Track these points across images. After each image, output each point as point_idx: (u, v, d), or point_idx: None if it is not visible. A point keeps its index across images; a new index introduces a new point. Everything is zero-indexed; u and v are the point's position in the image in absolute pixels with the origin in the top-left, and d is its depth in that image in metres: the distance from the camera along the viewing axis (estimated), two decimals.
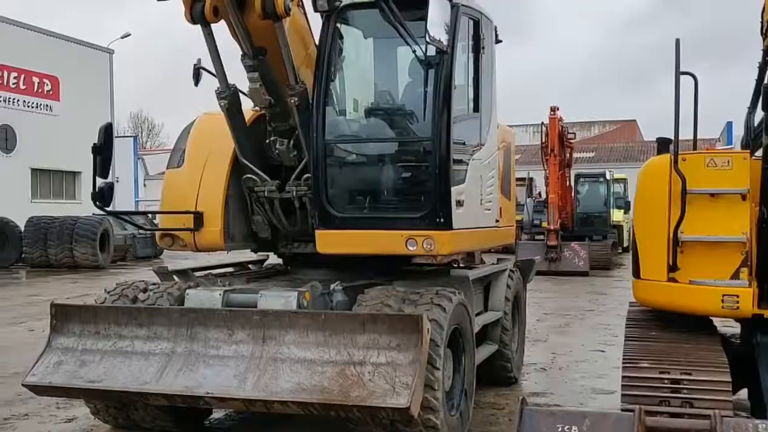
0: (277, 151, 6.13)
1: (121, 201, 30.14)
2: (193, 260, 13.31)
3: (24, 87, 29.61)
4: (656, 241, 4.75)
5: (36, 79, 30.14)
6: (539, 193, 28.85)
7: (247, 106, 6.12)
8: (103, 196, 5.90)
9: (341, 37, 6.01)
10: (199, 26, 5.55)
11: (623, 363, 4.60)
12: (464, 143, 5.99)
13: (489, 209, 6.61)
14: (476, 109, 6.30)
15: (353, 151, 6.14)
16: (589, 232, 24.13)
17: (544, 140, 20.83)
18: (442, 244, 5.59)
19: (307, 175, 6.01)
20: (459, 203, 5.71)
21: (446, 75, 5.56)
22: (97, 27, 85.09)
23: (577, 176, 25.85)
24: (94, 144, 5.86)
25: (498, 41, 6.75)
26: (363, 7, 5.86)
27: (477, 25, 6.20)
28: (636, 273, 4.97)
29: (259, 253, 7.28)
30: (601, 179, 26.36)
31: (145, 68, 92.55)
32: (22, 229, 22.98)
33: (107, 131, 5.93)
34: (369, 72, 6.71)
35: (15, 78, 29.14)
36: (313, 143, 5.80)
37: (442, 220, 5.56)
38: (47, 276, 20.56)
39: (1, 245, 23.02)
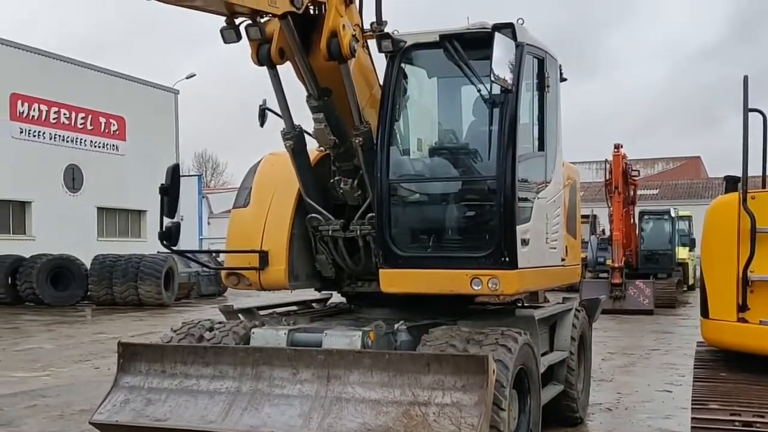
0: (341, 191, 6.17)
1: (186, 239, 30.72)
2: (256, 298, 13.45)
3: (91, 127, 30.70)
4: (725, 281, 4.65)
5: (103, 120, 31.23)
6: (603, 231, 28.40)
7: (312, 146, 6.20)
8: (170, 236, 6.01)
9: (405, 76, 6.06)
10: (265, 68, 5.66)
11: (692, 404, 4.44)
12: (529, 182, 5.94)
13: (554, 248, 6.52)
14: (541, 147, 6.25)
15: (417, 190, 6.14)
16: (653, 269, 23.63)
17: (607, 177, 20.57)
18: (507, 284, 5.52)
19: (371, 215, 6.02)
20: (524, 242, 5.64)
21: (511, 114, 5.54)
22: (164, 67, 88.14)
23: (642, 213, 25.41)
24: (162, 184, 5.98)
25: (563, 79, 6.72)
26: (427, 47, 5.91)
27: (542, 63, 6.18)
28: (704, 313, 4.86)
29: (323, 292, 7.30)
30: (666, 216, 25.85)
31: (209, 108, 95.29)
32: (88, 267, 23.62)
33: (174, 172, 6.05)
34: (433, 111, 6.73)
35: (83, 118, 30.25)
36: (377, 183, 5.82)
37: (507, 259, 5.50)
38: (112, 314, 21.02)
39: (67, 283, 23.68)
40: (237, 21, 5.14)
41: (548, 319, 7.07)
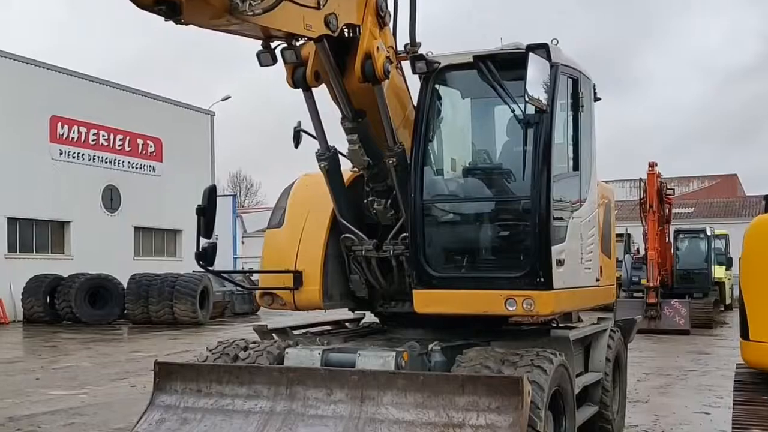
0: (374, 211, 6.20)
1: (220, 258, 30.85)
2: (289, 317, 13.52)
3: (129, 148, 31.25)
4: (765, 302, 4.55)
5: (140, 141, 31.79)
6: (637, 250, 28.05)
7: (346, 167, 6.25)
8: (206, 256, 6.08)
9: (439, 97, 6.09)
10: (300, 90, 5.74)
11: (733, 427, 4.38)
12: (564, 202, 5.91)
13: (589, 268, 6.48)
14: (575, 167, 6.23)
15: (451, 210, 6.15)
16: (689, 289, 23.25)
17: (642, 196, 20.36)
18: (542, 305, 5.49)
19: (404, 235, 6.04)
20: (559, 262, 5.61)
21: (545, 133, 5.54)
22: (201, 89, 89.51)
23: (677, 232, 25.06)
24: (199, 205, 6.05)
25: (597, 99, 6.70)
26: (461, 68, 5.94)
27: (576, 83, 6.17)
28: (744, 334, 4.80)
29: (356, 312, 7.31)
30: (702, 235, 25.46)
31: (244, 128, 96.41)
32: (125, 286, 23.95)
33: (211, 193, 6.12)
34: (466, 132, 6.75)
35: (121, 140, 30.83)
36: (411, 203, 5.84)
37: (542, 279, 5.47)
38: (148, 332, 21.26)
39: (105, 302, 24.03)
40: (273, 44, 5.22)
41: (583, 339, 7.01)
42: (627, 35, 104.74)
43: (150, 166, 32.20)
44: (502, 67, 5.48)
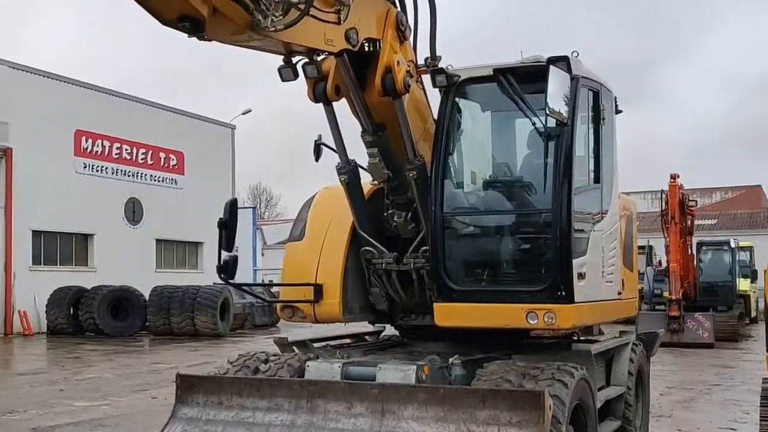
0: (395, 224, 6.21)
1: (240, 270, 30.92)
2: (308, 329, 13.55)
3: (151, 162, 31.56)
4: None
5: (163, 155, 32.09)
6: (659, 262, 27.78)
7: (366, 180, 6.27)
8: (227, 269, 6.11)
9: (459, 110, 6.11)
10: (320, 104, 5.77)
11: None
12: (585, 214, 5.89)
13: (611, 281, 6.43)
14: (597, 179, 6.20)
15: (471, 223, 6.15)
16: (713, 302, 22.94)
17: (664, 208, 20.19)
18: (563, 318, 5.46)
19: (424, 248, 6.04)
20: (581, 276, 5.58)
21: (566, 146, 5.53)
22: (222, 103, 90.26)
23: (700, 244, 24.77)
24: (220, 219, 6.07)
25: (618, 111, 6.68)
26: (481, 81, 5.96)
27: (597, 96, 6.16)
28: None
29: (376, 325, 7.31)
30: (726, 247, 25.15)
31: (264, 141, 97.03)
32: (147, 297, 24.12)
33: (232, 207, 6.15)
34: (487, 144, 6.75)
35: (143, 154, 31.14)
36: (431, 216, 5.84)
37: (563, 293, 5.45)
38: (169, 344, 21.38)
39: (127, 314, 24.22)
40: (294, 60, 5.27)
41: (605, 353, 6.95)
42: (650, 46, 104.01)
43: (172, 179, 32.48)
44: (522, 80, 5.48)
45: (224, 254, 6.06)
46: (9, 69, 25.74)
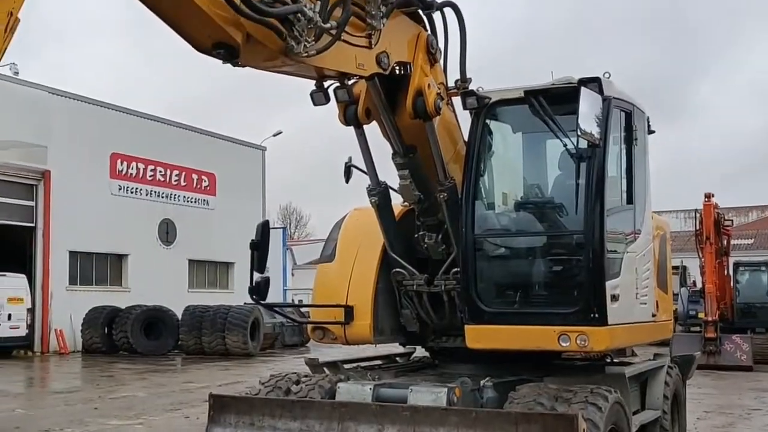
0: (425, 246, 6.21)
1: (270, 290, 31.20)
2: (338, 350, 13.54)
3: (184, 183, 31.96)
4: None
5: (195, 176, 32.49)
6: (694, 282, 27.34)
7: (396, 202, 6.29)
8: (259, 290, 6.15)
9: (490, 132, 6.13)
10: (351, 127, 5.82)
11: None
12: (618, 236, 5.85)
13: (645, 303, 6.36)
14: (630, 200, 6.16)
15: (503, 244, 6.13)
16: (751, 323, 22.47)
17: (698, 228, 19.89)
18: (596, 341, 5.41)
19: (455, 270, 6.03)
20: (614, 297, 5.53)
21: (598, 167, 5.51)
22: (254, 125, 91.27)
23: (736, 264, 24.32)
24: (252, 240, 6.12)
25: (651, 131, 6.63)
26: (512, 103, 5.97)
27: (629, 116, 6.13)
28: None
29: (407, 346, 7.29)
30: (763, 267, 24.68)
31: (294, 162, 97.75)
32: (179, 317, 24.34)
33: (264, 228, 6.21)
34: (518, 166, 6.75)
35: (176, 175, 31.56)
36: (462, 237, 5.84)
37: (596, 315, 5.41)
38: (200, 363, 21.51)
39: (159, 333, 24.46)
40: (326, 84, 5.34)
41: (639, 376, 6.85)
42: (685, 64, 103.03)
43: (204, 200, 32.84)
44: (553, 102, 5.49)
45: (256, 275, 6.11)
46: (48, 94, 26.34)
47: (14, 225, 25.30)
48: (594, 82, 5.42)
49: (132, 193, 29.30)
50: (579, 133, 5.01)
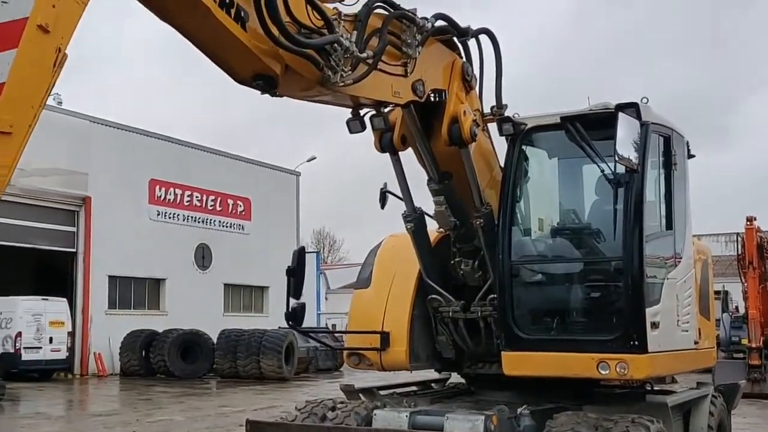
0: (461, 272, 6.20)
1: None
2: (372, 375, 13.49)
3: (220, 208, 32.35)
4: None
5: (231, 201, 32.87)
6: (736, 308, 26.70)
7: (432, 228, 6.29)
8: (295, 316, 6.18)
9: (526, 158, 6.12)
10: (386, 153, 5.86)
11: None
12: (658, 262, 5.78)
13: (686, 330, 6.25)
14: (669, 226, 6.09)
15: (540, 271, 6.09)
16: None
17: (740, 252, 19.49)
18: (637, 368, 5.33)
19: (492, 296, 6.00)
20: (654, 325, 5.45)
21: (637, 193, 5.47)
22: (289, 149, 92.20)
23: None
24: (288, 267, 6.15)
25: (690, 156, 6.56)
26: (548, 129, 5.97)
27: (668, 141, 6.08)
28: None
29: (442, 373, 7.25)
30: None
31: (328, 187, 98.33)
32: (215, 340, 24.51)
33: (300, 254, 6.23)
34: (554, 192, 6.72)
35: (213, 200, 31.98)
36: (499, 264, 5.82)
37: (636, 342, 5.34)
38: (236, 386, 21.59)
39: (195, 356, 24.65)
40: (362, 112, 5.39)
41: (682, 405, 6.69)
42: (725, 86, 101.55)
43: (239, 225, 33.17)
44: (590, 127, 5.47)
45: (292, 301, 6.13)
46: (89, 123, 26.97)
47: (56, 250, 25.84)
48: (632, 108, 5.39)
49: (169, 218, 29.73)
50: (617, 159, 4.98)
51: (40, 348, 22.39)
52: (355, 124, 5.39)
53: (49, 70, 3.11)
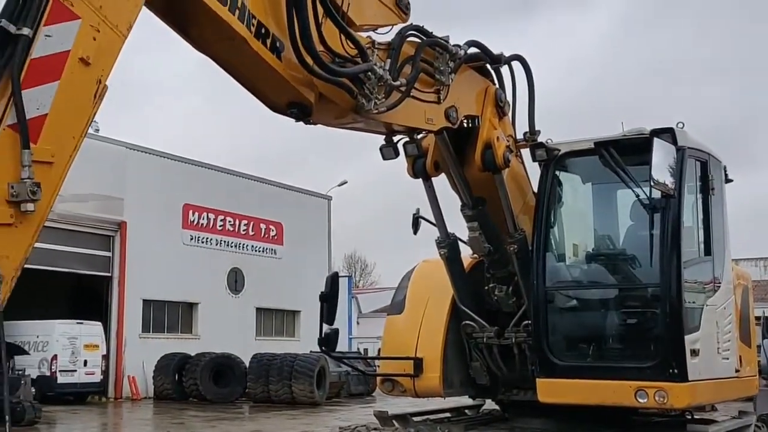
0: (495, 298, 6.16)
1: None
2: (404, 401, 13.39)
3: (252, 233, 32.57)
4: None
5: (263, 226, 33.09)
6: None
7: (465, 253, 6.27)
8: (328, 341, 6.19)
9: (560, 183, 6.09)
10: (419, 179, 5.87)
11: None
12: (696, 288, 5.69)
13: (727, 357, 6.11)
14: (707, 251, 6.00)
15: (574, 297, 6.03)
16: None
17: None
18: (676, 397, 5.23)
19: (526, 322, 5.95)
20: (694, 352, 5.35)
21: (673, 218, 5.40)
22: (321, 174, 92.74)
23: None
24: (322, 292, 6.17)
25: (728, 180, 6.47)
26: (582, 154, 5.94)
27: (705, 166, 6.01)
28: None
29: (476, 399, 7.18)
30: None
31: (359, 210, 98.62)
32: (247, 364, 24.56)
33: (333, 280, 6.26)
34: (588, 217, 6.67)
35: (245, 225, 32.22)
36: (534, 289, 5.78)
37: (675, 370, 5.25)
38: (268, 411, 21.57)
39: (228, 380, 24.70)
40: (395, 139, 5.42)
41: None
42: (762, 109, 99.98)
43: (271, 249, 33.35)
44: (625, 153, 5.44)
45: (325, 327, 6.14)
46: (126, 149, 27.47)
47: (92, 274, 26.21)
48: (667, 133, 5.35)
49: (203, 242, 30.02)
50: (653, 184, 4.94)
51: (75, 371, 22.63)
52: (389, 151, 5.42)
53: (90, 101, 3.18)
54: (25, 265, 3.10)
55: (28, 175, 2.87)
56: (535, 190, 6.12)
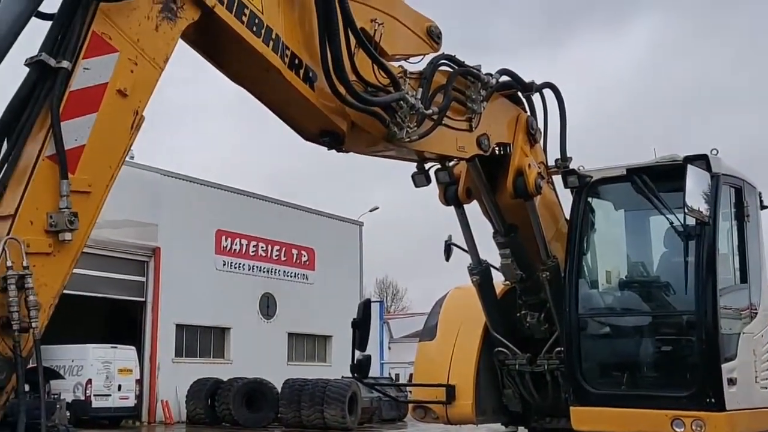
0: (527, 324, 6.14)
1: None
2: (436, 427, 13.30)
3: (284, 258, 32.74)
4: None
5: (295, 251, 33.25)
6: None
7: (498, 280, 6.26)
8: (361, 368, 6.20)
9: (592, 210, 6.07)
10: (451, 206, 5.89)
11: None
12: (733, 316, 5.60)
13: (766, 387, 5.98)
14: (744, 279, 5.92)
15: (608, 324, 5.98)
16: None
17: None
18: (715, 427, 5.16)
19: (559, 349, 5.91)
20: (731, 381, 5.27)
21: (708, 245, 5.35)
22: (351, 200, 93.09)
23: None
24: (354, 319, 6.17)
25: (763, 207, 6.38)
26: (614, 181, 5.93)
27: (739, 192, 5.95)
28: None
29: (509, 426, 7.11)
30: None
31: (391, 235, 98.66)
32: (279, 389, 24.56)
33: (365, 307, 6.26)
34: (621, 244, 6.62)
35: (277, 251, 32.42)
36: (566, 316, 5.74)
37: (712, 400, 5.16)
38: None
39: (260, 405, 24.70)
40: (427, 166, 5.46)
41: None
42: None
43: (303, 274, 33.46)
44: (657, 179, 5.42)
45: (358, 353, 6.15)
46: (160, 176, 27.90)
47: (126, 299, 26.53)
48: (701, 160, 5.32)
49: (235, 268, 30.23)
50: (686, 211, 4.91)
51: (110, 395, 22.81)
52: (421, 178, 5.46)
53: (127, 132, 3.26)
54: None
55: (66, 205, 2.95)
56: (567, 217, 6.10)
